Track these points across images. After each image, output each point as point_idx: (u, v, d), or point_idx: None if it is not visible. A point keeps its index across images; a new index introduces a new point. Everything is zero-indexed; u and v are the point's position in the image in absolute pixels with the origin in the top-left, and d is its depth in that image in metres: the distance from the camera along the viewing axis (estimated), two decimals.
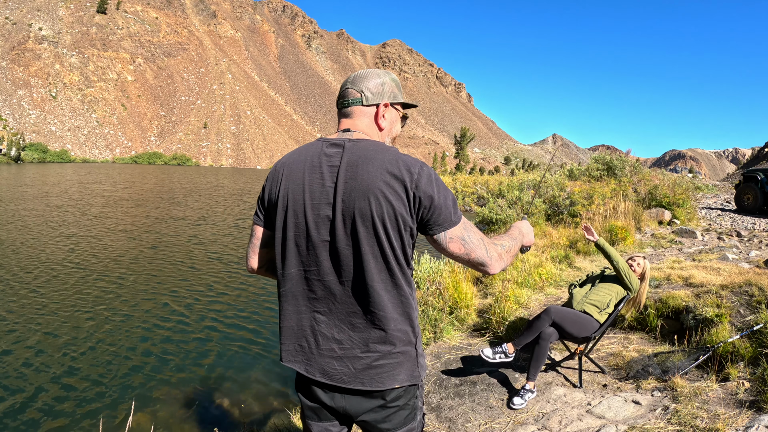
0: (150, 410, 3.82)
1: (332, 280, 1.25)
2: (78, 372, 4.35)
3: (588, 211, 9.13)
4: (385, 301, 1.23)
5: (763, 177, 13.34)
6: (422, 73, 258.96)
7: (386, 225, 1.17)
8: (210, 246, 10.42)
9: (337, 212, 1.19)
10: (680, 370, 3.08)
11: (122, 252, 9.37)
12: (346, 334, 1.26)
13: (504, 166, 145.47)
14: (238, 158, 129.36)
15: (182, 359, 4.72)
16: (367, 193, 1.16)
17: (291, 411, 3.49)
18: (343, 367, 1.26)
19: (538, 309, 4.62)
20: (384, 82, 1.33)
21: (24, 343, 4.90)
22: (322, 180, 1.22)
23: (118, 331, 5.33)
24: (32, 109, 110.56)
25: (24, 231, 11.09)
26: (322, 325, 1.27)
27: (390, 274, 1.22)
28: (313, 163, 1.25)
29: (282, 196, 1.26)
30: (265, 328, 5.66)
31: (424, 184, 1.17)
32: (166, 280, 7.55)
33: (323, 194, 1.21)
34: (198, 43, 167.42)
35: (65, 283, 7.02)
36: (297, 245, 1.26)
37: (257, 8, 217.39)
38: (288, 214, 1.25)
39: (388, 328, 1.24)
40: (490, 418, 2.98)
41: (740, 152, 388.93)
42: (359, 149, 1.21)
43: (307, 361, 1.29)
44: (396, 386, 1.27)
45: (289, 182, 1.26)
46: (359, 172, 1.18)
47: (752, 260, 5.55)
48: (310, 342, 1.28)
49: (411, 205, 1.18)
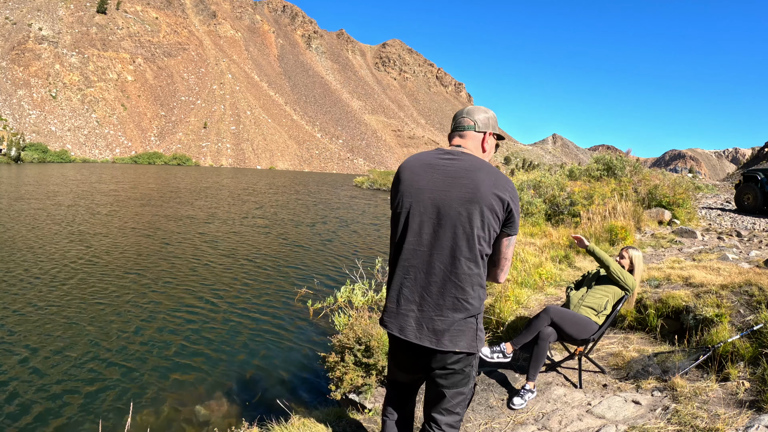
0: (149, 410, 3.82)
1: (425, 252, 1.67)
2: (85, 368, 4.35)
3: (588, 211, 9.12)
4: (466, 277, 1.64)
5: (763, 177, 13.33)
6: (422, 73, 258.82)
7: (484, 223, 1.63)
8: (221, 243, 10.43)
9: (443, 203, 1.66)
10: (680, 370, 3.08)
11: (137, 250, 9.36)
12: (428, 299, 1.67)
13: (504, 166, 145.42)
14: (238, 158, 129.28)
15: (189, 355, 4.72)
16: (476, 194, 1.62)
17: (291, 411, 3.49)
18: (420, 327, 1.68)
19: (537, 309, 4.62)
20: (489, 116, 1.81)
21: (43, 340, 4.90)
22: (438, 176, 1.68)
23: (131, 326, 5.33)
24: (32, 109, 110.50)
25: (36, 229, 11.09)
26: (406, 290, 1.71)
27: (473, 255, 1.64)
28: (431, 163, 1.72)
29: (406, 186, 1.72)
30: (268, 328, 5.66)
31: (515, 205, 1.66)
32: (177, 277, 7.54)
33: (437, 186, 1.67)
34: (198, 43, 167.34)
35: (79, 279, 7.02)
36: (411, 223, 1.70)
37: (257, 8, 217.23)
38: (409, 199, 1.70)
39: (462, 298, 1.65)
40: (490, 418, 2.98)
41: (740, 152, 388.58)
42: (470, 160, 1.69)
43: (391, 320, 1.74)
44: (456, 350, 1.65)
45: (412, 175, 1.72)
46: (470, 176, 1.65)
47: (752, 260, 5.55)
48: (410, 301, 1.70)
49: (503, 217, 1.66)
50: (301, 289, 7.15)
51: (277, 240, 11.79)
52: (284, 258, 9.64)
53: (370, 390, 3.41)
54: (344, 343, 3.69)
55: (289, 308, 6.41)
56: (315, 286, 7.40)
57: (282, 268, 8.76)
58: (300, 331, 5.59)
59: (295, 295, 6.98)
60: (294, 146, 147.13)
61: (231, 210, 18.07)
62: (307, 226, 14.57)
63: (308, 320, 5.97)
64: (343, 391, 3.42)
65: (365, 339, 3.55)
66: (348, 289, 6.12)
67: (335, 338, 3.83)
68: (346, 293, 6.09)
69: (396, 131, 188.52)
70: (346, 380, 3.38)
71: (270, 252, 10.21)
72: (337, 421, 3.09)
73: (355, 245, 11.57)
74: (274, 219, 16.06)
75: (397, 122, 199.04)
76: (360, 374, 3.42)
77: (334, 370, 3.53)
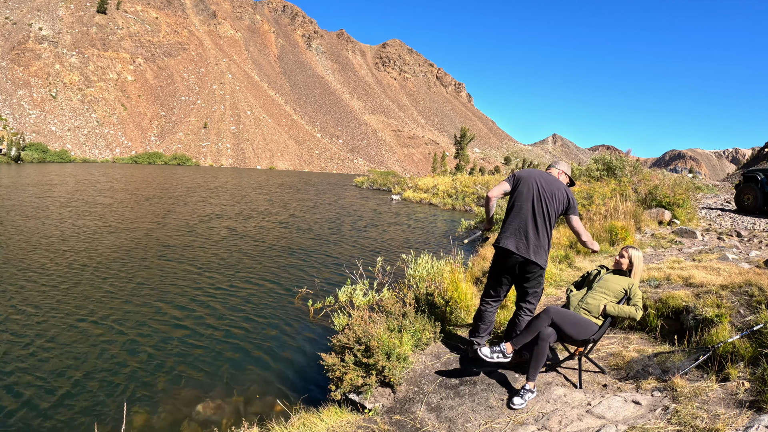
0: (149, 410, 3.82)
1: (529, 216, 3.42)
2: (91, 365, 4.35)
3: (588, 211, 9.12)
4: (546, 235, 3.40)
5: (763, 177, 13.33)
6: (422, 73, 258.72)
7: (557, 210, 3.42)
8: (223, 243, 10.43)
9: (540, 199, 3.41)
10: (680, 370, 3.07)
11: (137, 249, 9.36)
12: (532, 238, 3.37)
13: (504, 166, 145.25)
14: (238, 158, 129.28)
15: (185, 356, 4.72)
16: (555, 194, 3.41)
17: (291, 411, 3.49)
18: (526, 247, 3.37)
19: (537, 309, 4.61)
20: (569, 165, 4.06)
21: (51, 334, 4.91)
22: (541, 184, 3.44)
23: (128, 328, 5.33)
24: (32, 109, 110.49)
25: (53, 227, 11.10)
26: (529, 231, 3.39)
27: (550, 225, 3.40)
28: (537, 175, 3.49)
29: (523, 184, 3.48)
30: (268, 328, 5.66)
31: (573, 200, 3.44)
32: (176, 277, 7.54)
33: (540, 190, 3.42)
34: (198, 43, 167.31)
35: (79, 279, 7.02)
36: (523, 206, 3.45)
37: (257, 8, 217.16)
38: (524, 192, 3.46)
39: (545, 242, 3.41)
40: (490, 418, 2.98)
41: (740, 152, 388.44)
42: (553, 178, 3.51)
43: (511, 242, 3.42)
44: (540, 263, 3.37)
45: (525, 180, 3.48)
46: (552, 185, 3.44)
47: (752, 260, 5.55)
48: (519, 235, 3.41)
49: (565, 206, 3.44)
50: (301, 289, 7.15)
51: (277, 240, 11.79)
52: (284, 258, 9.64)
53: (369, 390, 3.41)
54: (344, 343, 3.69)
55: (290, 308, 6.41)
56: (316, 285, 7.40)
57: (282, 267, 8.75)
58: (300, 331, 5.59)
59: (295, 294, 6.98)
60: (294, 146, 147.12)
61: (236, 208, 18.08)
62: (308, 226, 14.58)
63: (308, 320, 5.97)
64: (343, 391, 3.42)
65: (365, 339, 3.55)
66: (349, 289, 6.13)
67: (335, 338, 3.83)
68: (346, 293, 6.09)
69: (396, 131, 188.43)
70: (345, 380, 3.38)
71: (270, 252, 10.21)
72: (337, 421, 3.09)
73: (356, 245, 11.57)
74: (275, 218, 16.06)
75: (397, 122, 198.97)
76: (360, 374, 3.42)
77: (334, 370, 3.53)
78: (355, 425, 3.00)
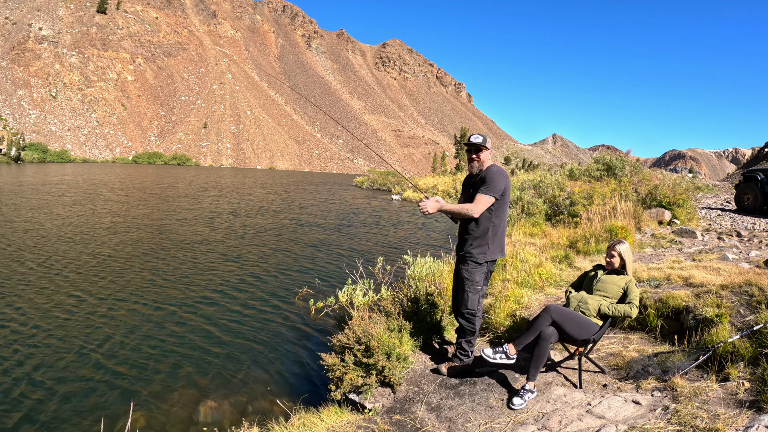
0: (149, 409, 3.82)
1: None
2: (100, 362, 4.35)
3: (588, 211, 9.12)
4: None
5: (763, 177, 13.34)
6: (422, 73, 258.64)
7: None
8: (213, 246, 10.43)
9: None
10: (680, 370, 3.07)
11: (138, 249, 9.37)
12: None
13: (504, 166, 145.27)
14: (238, 158, 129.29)
15: (186, 357, 4.72)
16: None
17: (291, 411, 3.49)
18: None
19: (538, 309, 4.62)
20: (487, 137, 3.53)
21: (53, 331, 4.91)
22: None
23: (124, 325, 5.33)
24: (32, 109, 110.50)
25: (64, 227, 11.10)
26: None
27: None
28: None
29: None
30: (268, 328, 5.66)
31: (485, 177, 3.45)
32: (176, 277, 7.54)
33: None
34: (198, 43, 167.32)
35: (79, 279, 7.02)
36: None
37: (257, 8, 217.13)
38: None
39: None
40: (490, 418, 2.98)
41: (740, 152, 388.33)
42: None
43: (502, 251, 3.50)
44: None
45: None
46: None
47: (752, 260, 5.55)
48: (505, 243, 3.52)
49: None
50: (302, 289, 7.15)
51: (277, 239, 11.80)
52: (285, 257, 9.64)
53: (369, 390, 3.41)
54: (344, 343, 3.69)
55: (290, 308, 6.41)
56: (316, 285, 7.40)
57: (283, 267, 8.76)
58: (300, 331, 5.59)
59: (296, 294, 6.98)
60: (294, 146, 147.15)
61: (241, 206, 18.08)
62: (308, 226, 14.58)
63: (309, 320, 5.97)
64: (343, 391, 3.42)
65: (365, 339, 3.55)
66: (349, 289, 6.12)
67: (335, 338, 3.83)
68: (347, 293, 6.09)
69: (396, 131, 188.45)
70: (346, 380, 3.38)
71: (271, 252, 10.21)
72: (337, 421, 3.09)
73: (356, 245, 11.57)
74: (275, 219, 16.07)
75: (397, 122, 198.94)
76: (360, 374, 3.42)
77: (334, 370, 3.53)
78: (355, 425, 3.00)
